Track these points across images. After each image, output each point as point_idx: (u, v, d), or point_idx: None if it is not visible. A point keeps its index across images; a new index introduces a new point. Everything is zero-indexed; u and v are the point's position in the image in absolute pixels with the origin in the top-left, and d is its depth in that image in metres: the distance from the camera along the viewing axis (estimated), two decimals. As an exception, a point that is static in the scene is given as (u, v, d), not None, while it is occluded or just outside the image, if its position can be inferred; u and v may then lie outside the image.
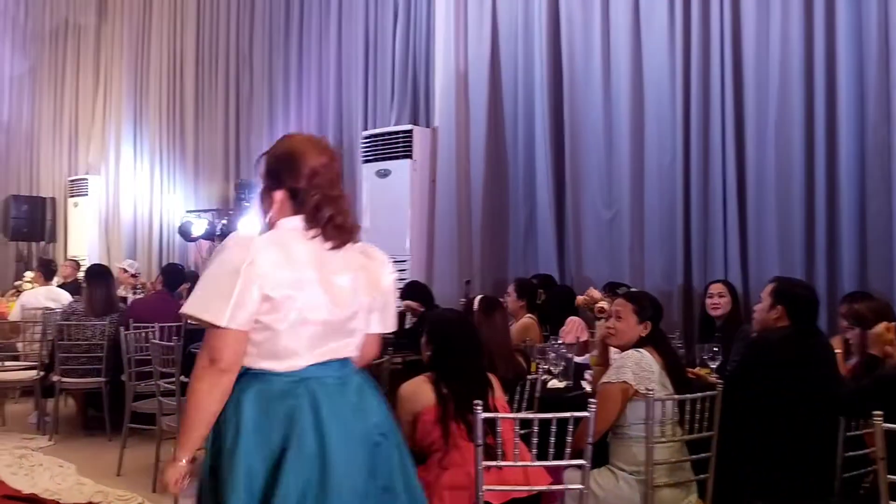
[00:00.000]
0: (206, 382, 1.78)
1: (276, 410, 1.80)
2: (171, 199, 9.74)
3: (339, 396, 1.87)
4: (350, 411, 1.87)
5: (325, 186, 1.95)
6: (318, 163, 1.96)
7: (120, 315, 5.83)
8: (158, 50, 9.98)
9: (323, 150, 2.01)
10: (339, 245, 1.95)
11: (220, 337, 1.77)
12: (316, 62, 7.94)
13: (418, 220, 6.70)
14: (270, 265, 1.84)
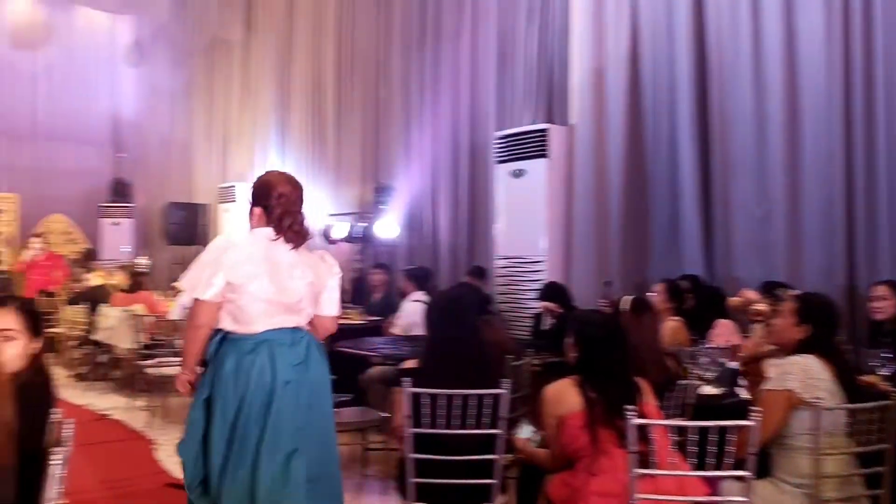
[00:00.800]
0: (190, 333, 2.83)
1: (246, 364, 2.71)
2: (313, 203, 10.10)
3: (291, 350, 2.76)
4: (296, 359, 2.76)
5: (288, 205, 2.83)
6: (284, 189, 2.86)
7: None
8: (301, 61, 10.39)
9: (289, 181, 2.92)
10: (297, 245, 2.84)
11: (198, 305, 2.74)
12: (450, 66, 8.00)
13: (555, 220, 6.59)
14: (233, 261, 2.72)
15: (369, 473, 4.83)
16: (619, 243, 6.18)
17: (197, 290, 2.72)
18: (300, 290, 2.80)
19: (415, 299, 5.96)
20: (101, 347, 7.90)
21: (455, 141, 7.85)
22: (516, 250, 6.80)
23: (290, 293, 2.77)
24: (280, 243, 2.81)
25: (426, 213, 8.21)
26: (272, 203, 2.83)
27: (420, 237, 8.30)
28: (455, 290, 5.05)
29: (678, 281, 5.01)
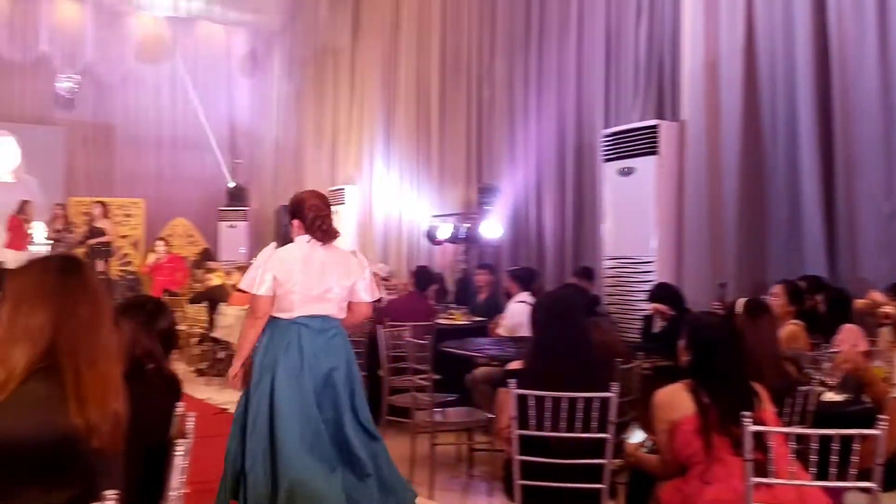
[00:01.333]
0: (249, 322, 3.48)
1: (279, 337, 3.39)
2: (419, 205, 10.23)
3: (316, 336, 3.39)
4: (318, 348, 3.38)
5: (317, 211, 3.49)
6: (313, 202, 3.53)
7: (376, 314, 6.19)
8: (406, 66, 10.54)
9: (317, 195, 3.62)
10: (325, 242, 3.49)
11: (256, 299, 3.41)
12: (556, 65, 7.92)
13: (665, 219, 6.41)
14: (277, 262, 3.42)
15: (475, 474, 4.84)
16: (734, 243, 5.94)
17: (254, 287, 3.39)
18: (329, 284, 3.44)
19: (520, 300, 5.93)
20: (219, 344, 8.27)
21: (561, 139, 7.76)
22: (625, 250, 6.65)
23: (319, 287, 3.42)
24: (315, 244, 3.47)
25: (531, 213, 8.16)
26: (305, 212, 3.50)
27: (525, 237, 8.25)
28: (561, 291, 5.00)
29: (798, 282, 4.77)
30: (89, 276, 1.90)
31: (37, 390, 1.72)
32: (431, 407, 4.54)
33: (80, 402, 1.72)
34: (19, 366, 1.72)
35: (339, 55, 12.29)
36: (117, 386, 1.82)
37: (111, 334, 1.86)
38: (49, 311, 1.77)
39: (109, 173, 14.07)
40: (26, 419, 1.69)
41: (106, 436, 1.76)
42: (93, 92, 13.76)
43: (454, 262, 9.24)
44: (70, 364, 1.74)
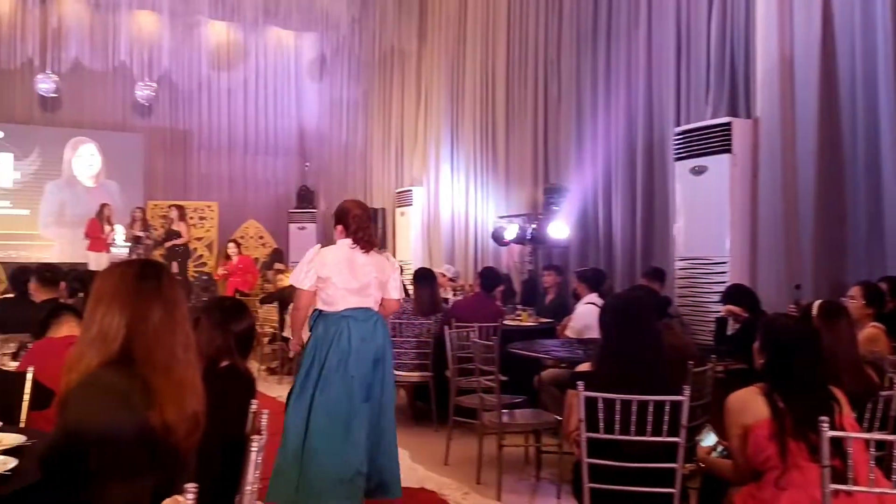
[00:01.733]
0: (294, 312, 4.15)
1: (329, 329, 3.89)
2: (485, 206, 10.23)
3: (362, 325, 3.90)
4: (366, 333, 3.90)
5: (360, 222, 4.00)
6: (357, 212, 4.04)
7: (443, 315, 6.23)
8: (472, 66, 10.56)
9: (360, 206, 4.14)
10: (366, 250, 3.99)
11: (300, 292, 3.98)
12: (625, 62, 7.80)
13: (739, 219, 6.25)
14: (320, 262, 3.92)
15: (543, 476, 4.82)
16: (810, 243, 5.75)
17: (299, 282, 3.96)
18: (368, 282, 3.97)
19: (588, 302, 5.88)
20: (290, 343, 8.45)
21: (630, 138, 7.65)
22: (697, 251, 6.51)
23: (360, 284, 3.95)
24: (357, 250, 3.98)
25: (600, 214, 8.06)
26: (349, 222, 4.01)
27: (593, 238, 8.16)
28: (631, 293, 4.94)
29: (878, 284, 4.58)
30: (164, 282, 1.95)
31: (113, 383, 1.80)
32: (499, 408, 4.54)
33: (155, 404, 1.79)
34: (92, 364, 1.81)
35: (406, 57, 12.40)
36: (194, 388, 1.89)
37: (186, 338, 1.92)
38: (123, 314, 1.85)
39: (185, 177, 14.54)
40: (104, 409, 1.76)
41: (183, 435, 1.83)
42: (169, 99, 14.24)
43: (521, 264, 9.21)
44: (145, 368, 1.83)
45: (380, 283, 4.01)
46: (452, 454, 5.15)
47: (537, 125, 9.18)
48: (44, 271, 5.37)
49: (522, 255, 9.18)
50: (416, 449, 5.48)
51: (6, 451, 2.22)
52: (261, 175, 15.12)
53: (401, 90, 12.58)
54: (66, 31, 12.84)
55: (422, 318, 6.24)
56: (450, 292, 9.04)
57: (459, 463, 5.06)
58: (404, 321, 6.24)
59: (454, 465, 5.07)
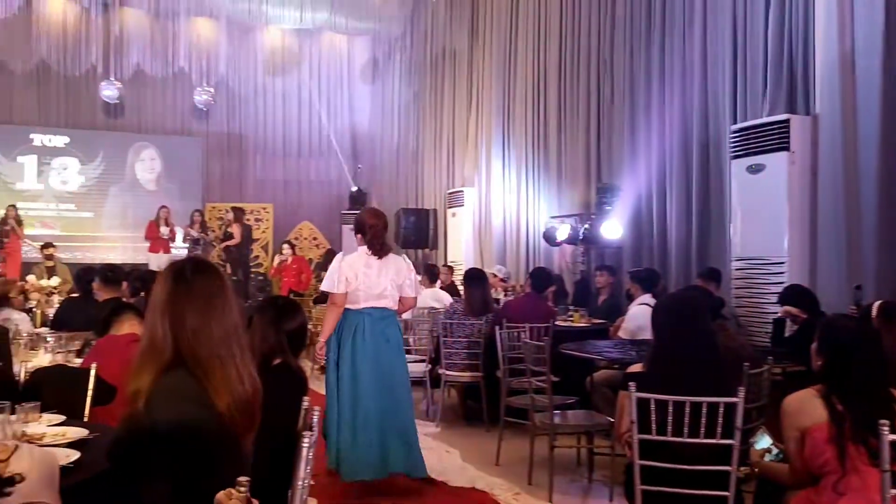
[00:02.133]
0: (329, 313, 4.59)
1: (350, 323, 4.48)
2: (536, 206, 10.19)
3: (377, 322, 4.50)
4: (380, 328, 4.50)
5: (375, 232, 4.53)
6: (372, 222, 4.55)
7: (494, 315, 6.22)
8: (524, 65, 10.53)
9: (376, 215, 4.67)
10: (381, 256, 4.53)
11: (334, 295, 4.47)
12: (679, 60, 7.67)
13: (797, 219, 6.09)
14: (347, 266, 4.47)
15: (595, 478, 4.78)
16: (872, 243, 5.56)
17: (333, 287, 4.50)
18: (384, 285, 4.54)
19: (641, 302, 5.81)
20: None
21: (685, 136, 7.52)
22: (754, 251, 6.37)
23: (377, 286, 4.52)
24: (372, 256, 4.53)
25: (654, 213, 7.94)
26: (366, 231, 4.56)
27: (647, 238, 8.04)
28: (685, 293, 4.86)
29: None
30: (196, 280, 1.99)
31: (178, 385, 1.87)
32: (550, 409, 4.52)
33: (211, 399, 1.86)
34: (151, 375, 1.89)
35: (458, 58, 12.43)
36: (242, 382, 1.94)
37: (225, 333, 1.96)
38: (165, 320, 1.93)
39: (241, 180, 14.85)
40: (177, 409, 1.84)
41: (240, 429, 1.89)
42: (226, 104, 14.56)
43: (573, 264, 9.14)
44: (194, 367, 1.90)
45: (396, 284, 4.58)
46: (503, 454, 5.15)
47: (590, 124, 9.10)
48: (106, 271, 5.55)
49: (575, 255, 9.11)
50: (467, 448, 5.49)
51: (70, 443, 2.30)
52: (314, 177, 15.34)
53: (452, 91, 12.62)
54: (128, 39, 13.25)
55: (473, 319, 6.25)
56: (501, 293, 9.02)
57: (510, 463, 5.05)
58: (455, 321, 6.26)
59: (505, 465, 5.07)
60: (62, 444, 2.29)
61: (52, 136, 13.45)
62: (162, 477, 1.80)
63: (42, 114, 13.58)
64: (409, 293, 4.66)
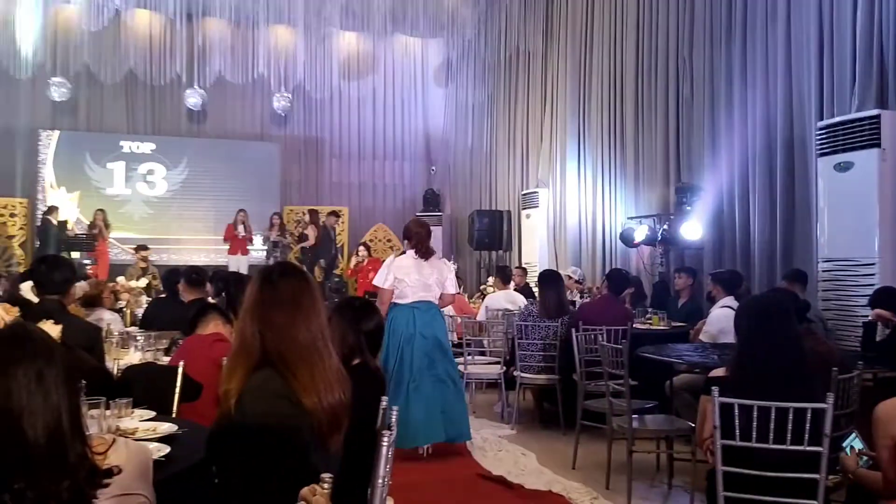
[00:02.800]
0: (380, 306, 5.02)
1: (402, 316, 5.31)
2: (613, 206, 10.04)
3: (425, 313, 5.31)
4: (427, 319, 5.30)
5: (419, 239, 5.36)
6: (416, 230, 5.41)
7: (570, 317, 6.16)
8: (599, 65, 10.41)
9: (420, 224, 5.56)
10: (426, 258, 5.35)
11: (382, 290, 5.34)
12: (762, 57, 7.43)
13: (889, 217, 5.81)
14: (396, 267, 5.33)
15: (675, 484, 4.67)
16: (973, 242, 5.28)
17: (382, 283, 5.37)
18: (429, 282, 5.36)
19: (724, 305, 5.66)
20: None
21: (768, 134, 7.27)
22: (843, 252, 6.12)
23: (423, 284, 5.34)
24: (419, 258, 5.38)
25: (736, 213, 7.71)
26: (412, 237, 5.43)
27: (729, 239, 7.81)
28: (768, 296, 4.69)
29: None
30: (282, 284, 2.08)
31: (266, 383, 1.93)
32: (629, 413, 4.45)
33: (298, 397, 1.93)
34: (241, 375, 1.99)
35: (532, 58, 12.37)
36: (328, 382, 1.99)
37: (311, 334, 2.04)
38: (254, 322, 2.03)
39: (318, 183, 15.15)
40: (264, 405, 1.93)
41: (326, 427, 1.94)
42: (303, 109, 14.89)
43: (651, 266, 8.98)
44: (282, 367, 1.97)
45: (439, 282, 5.41)
46: (580, 458, 5.09)
47: (668, 123, 8.92)
48: (191, 273, 5.74)
49: (653, 256, 8.94)
50: (544, 452, 5.46)
51: (160, 438, 2.39)
52: (388, 180, 15.53)
53: (526, 91, 12.57)
54: (210, 48, 13.68)
55: (548, 321, 6.20)
56: (576, 295, 8.93)
57: (588, 468, 4.99)
58: (530, 323, 6.22)
59: (582, 469, 5.01)
60: (153, 438, 2.38)
61: (140, 142, 14.00)
62: (250, 471, 1.87)
63: (130, 122, 14.17)
64: (450, 290, 5.51)
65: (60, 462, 1.44)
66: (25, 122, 13.46)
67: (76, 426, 1.49)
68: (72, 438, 1.47)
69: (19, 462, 1.40)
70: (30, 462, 1.41)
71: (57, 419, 1.44)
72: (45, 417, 1.43)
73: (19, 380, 1.42)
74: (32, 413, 1.41)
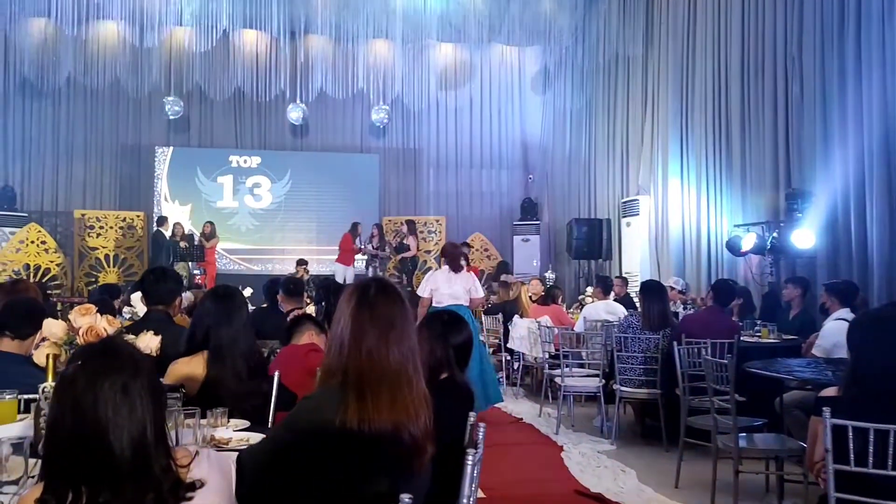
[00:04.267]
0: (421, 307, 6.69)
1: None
2: (718, 213, 9.67)
3: None
4: None
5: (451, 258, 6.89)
6: (450, 251, 7.07)
7: (673, 329, 5.94)
8: (703, 66, 10.06)
9: (453, 247, 7.25)
10: (457, 272, 6.81)
11: (423, 299, 6.87)
12: (878, 54, 6.96)
13: None
14: (433, 279, 6.95)
15: (786, 507, 4.41)
16: None
17: (423, 292, 6.81)
18: (458, 291, 6.69)
19: (838, 317, 5.32)
20: (513, 355, 8.52)
21: (886, 135, 6.80)
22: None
23: (453, 291, 6.68)
24: (451, 272, 6.74)
25: (852, 219, 7.24)
26: (447, 256, 6.90)
27: (844, 247, 7.35)
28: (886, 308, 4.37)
29: None
30: (379, 304, 2.05)
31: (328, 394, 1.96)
32: (735, 431, 4.23)
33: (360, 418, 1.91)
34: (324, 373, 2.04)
35: (631, 63, 12.10)
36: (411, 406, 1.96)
37: (405, 355, 2.01)
38: (345, 337, 2.02)
39: (416, 193, 15.32)
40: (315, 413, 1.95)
41: (403, 455, 1.91)
42: (401, 120, 15.10)
43: (760, 276, 8.57)
44: (354, 384, 1.96)
45: (466, 289, 6.75)
46: (683, 477, 4.88)
47: (777, 126, 8.51)
48: (289, 284, 5.87)
49: (762, 266, 8.55)
50: (644, 469, 5.27)
51: (252, 449, 2.42)
52: (486, 189, 15.52)
53: (625, 96, 12.30)
54: (313, 64, 14.08)
55: (649, 333, 6.00)
56: (679, 306, 8.63)
57: (691, 487, 4.78)
58: (630, 335, 6.04)
59: (685, 488, 4.80)
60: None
61: (247, 157, 14.56)
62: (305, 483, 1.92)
63: (238, 137, 14.77)
64: (477, 294, 6.89)
65: (145, 474, 1.46)
66: (144, 139, 14.30)
67: (161, 439, 1.51)
68: (156, 451, 1.49)
69: (105, 474, 1.43)
70: (115, 474, 1.43)
71: (142, 432, 1.47)
72: (131, 430, 1.45)
73: (105, 392, 1.45)
74: (118, 425, 1.44)
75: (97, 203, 14.10)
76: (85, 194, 14.18)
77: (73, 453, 1.44)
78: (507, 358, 8.65)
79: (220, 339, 2.95)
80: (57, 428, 1.47)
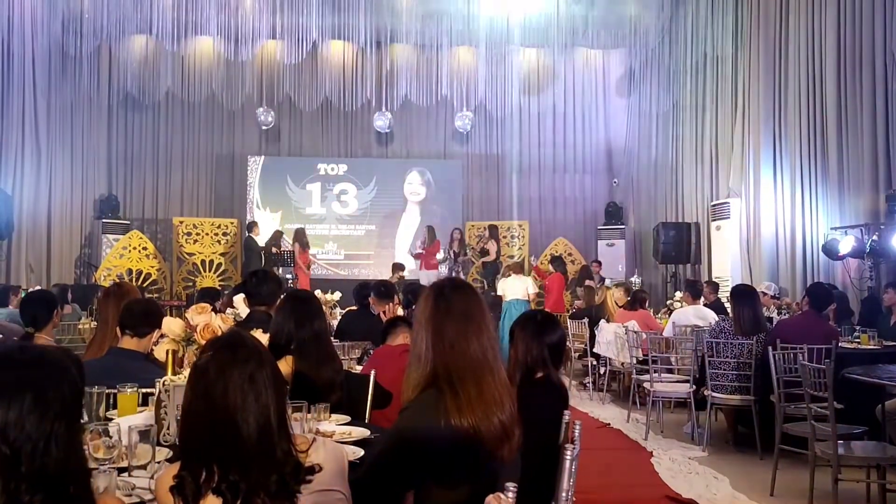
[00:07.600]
0: None
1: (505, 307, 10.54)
2: (814, 216, 9.35)
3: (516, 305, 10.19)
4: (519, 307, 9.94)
5: (515, 267, 11.22)
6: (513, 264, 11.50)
7: (767, 335, 5.80)
8: (796, 65, 9.76)
9: (517, 263, 11.85)
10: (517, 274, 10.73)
11: (498, 297, 10.69)
12: None
13: None
14: (502, 282, 11.07)
15: (890, 518, 4.25)
16: None
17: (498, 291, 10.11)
18: (518, 290, 10.24)
19: (945, 323, 5.09)
20: (600, 360, 8.46)
21: None
22: None
23: (516, 290, 10.26)
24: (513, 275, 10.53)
25: (958, 222, 6.94)
26: (513, 266, 10.82)
27: (950, 250, 7.03)
28: None
29: None
30: (455, 300, 2.13)
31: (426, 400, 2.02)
32: (834, 439, 4.11)
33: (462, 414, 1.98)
34: (412, 388, 2.09)
35: (720, 63, 11.81)
36: (495, 397, 2.02)
37: (482, 350, 2.07)
38: (427, 336, 2.10)
39: (499, 198, 15.36)
40: (420, 420, 2.01)
41: (494, 443, 1.97)
42: (485, 126, 15.18)
43: (859, 280, 8.25)
44: (448, 382, 2.03)
45: (525, 287, 9.27)
46: (779, 485, 4.77)
47: (876, 124, 8.18)
48: (379, 287, 6.02)
49: (861, 270, 8.22)
50: (738, 477, 5.16)
51: (355, 442, 2.53)
52: (569, 193, 15.42)
53: (714, 97, 12.01)
54: (398, 72, 14.33)
55: (742, 338, 5.87)
56: (773, 311, 8.39)
57: (787, 495, 4.67)
58: (722, 340, 5.92)
59: (781, 496, 4.69)
60: (349, 441, 2.52)
61: (334, 164, 14.92)
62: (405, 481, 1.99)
63: (325, 145, 15.16)
64: (532, 290, 9.63)
65: (269, 457, 1.58)
66: (237, 149, 14.88)
67: (282, 425, 1.62)
68: (279, 436, 1.60)
69: (234, 456, 1.55)
70: (243, 456, 1.55)
71: (266, 418, 1.58)
72: (256, 415, 1.57)
73: (234, 380, 1.57)
74: (245, 411, 1.56)
75: (193, 211, 14.73)
76: (182, 202, 14.84)
77: (205, 436, 1.56)
78: (594, 363, 8.58)
79: (302, 337, 3.10)
80: (191, 413, 1.60)
